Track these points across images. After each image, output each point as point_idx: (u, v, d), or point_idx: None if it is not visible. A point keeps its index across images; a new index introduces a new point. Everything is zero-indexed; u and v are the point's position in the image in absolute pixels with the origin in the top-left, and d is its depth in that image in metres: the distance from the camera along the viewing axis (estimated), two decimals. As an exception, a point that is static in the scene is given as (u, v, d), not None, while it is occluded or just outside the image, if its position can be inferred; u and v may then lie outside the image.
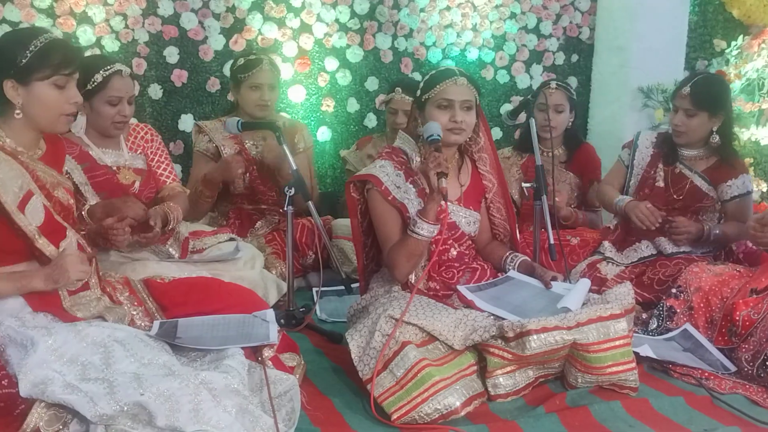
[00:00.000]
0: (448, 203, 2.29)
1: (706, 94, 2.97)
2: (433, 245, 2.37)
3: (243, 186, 3.44)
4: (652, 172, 3.17)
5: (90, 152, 2.71)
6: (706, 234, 3.00)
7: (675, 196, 3.08)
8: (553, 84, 3.57)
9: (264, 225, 3.49)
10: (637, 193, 3.20)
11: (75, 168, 2.63)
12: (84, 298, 2.09)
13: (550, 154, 3.55)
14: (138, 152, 2.85)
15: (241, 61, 3.45)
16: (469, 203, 2.52)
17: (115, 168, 2.74)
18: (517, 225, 2.68)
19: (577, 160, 3.62)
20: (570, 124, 3.58)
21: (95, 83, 2.64)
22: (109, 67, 2.66)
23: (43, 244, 1.99)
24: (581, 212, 3.58)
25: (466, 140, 2.52)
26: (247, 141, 3.48)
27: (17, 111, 1.97)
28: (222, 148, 3.42)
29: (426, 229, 2.26)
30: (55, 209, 2.07)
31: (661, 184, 3.14)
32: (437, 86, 2.40)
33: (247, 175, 3.42)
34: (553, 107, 3.49)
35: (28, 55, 1.95)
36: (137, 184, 2.67)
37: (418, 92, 2.47)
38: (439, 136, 2.32)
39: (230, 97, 3.65)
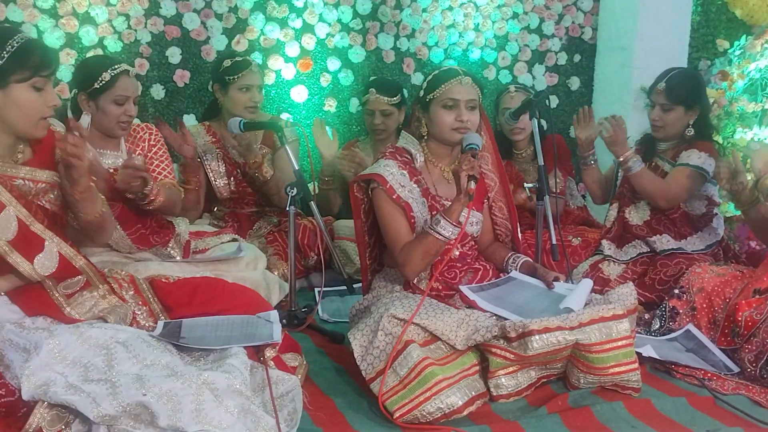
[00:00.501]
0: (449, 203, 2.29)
1: (680, 88, 3.04)
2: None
3: (229, 191, 3.43)
4: None
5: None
6: (626, 156, 3.09)
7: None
8: (512, 87, 3.59)
9: (263, 225, 3.49)
10: (621, 186, 3.29)
11: None
12: (84, 296, 2.09)
13: (523, 155, 3.61)
14: (137, 153, 2.83)
15: (228, 62, 3.43)
16: (473, 204, 2.52)
17: (112, 170, 2.70)
18: (518, 225, 2.68)
19: (544, 152, 3.59)
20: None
21: (102, 82, 2.64)
22: (116, 67, 2.68)
23: (15, 260, 1.96)
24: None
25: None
26: (229, 146, 3.48)
27: None
28: (203, 154, 3.42)
29: (448, 230, 2.26)
30: (37, 218, 2.03)
31: None
32: (442, 86, 2.40)
33: (232, 179, 3.42)
34: None
35: (5, 56, 1.88)
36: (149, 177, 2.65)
37: (421, 92, 2.47)
38: (478, 146, 2.34)
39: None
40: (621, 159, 3.11)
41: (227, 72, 3.42)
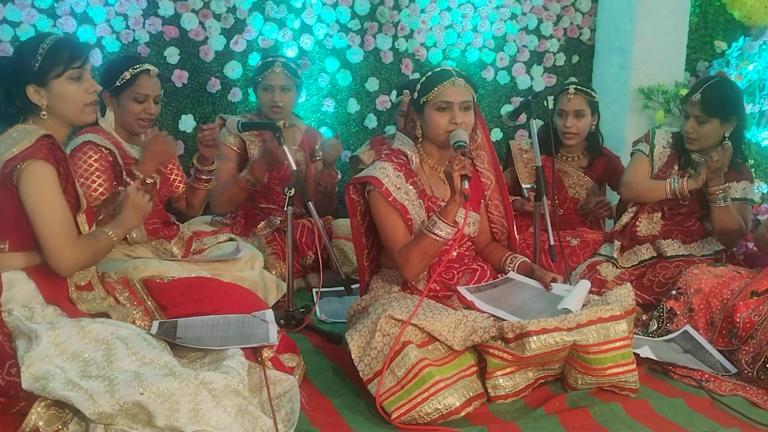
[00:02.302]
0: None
1: (717, 100, 2.92)
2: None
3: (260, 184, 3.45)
4: (668, 173, 3.13)
5: (121, 144, 2.83)
6: (723, 187, 2.86)
7: (681, 201, 3.06)
8: (572, 88, 3.43)
9: (267, 226, 3.48)
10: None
11: (115, 151, 2.76)
12: (88, 295, 2.11)
13: (572, 158, 3.53)
14: None
15: (260, 62, 3.52)
16: (470, 204, 2.51)
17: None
18: (514, 223, 2.67)
19: (598, 168, 3.53)
20: (593, 128, 3.47)
21: (123, 80, 2.80)
22: (137, 66, 2.83)
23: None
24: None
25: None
26: (268, 141, 3.49)
27: (43, 112, 2.06)
28: (248, 143, 3.47)
29: (444, 231, 2.25)
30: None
31: None
32: (435, 88, 2.39)
33: (267, 173, 3.44)
34: (573, 112, 3.38)
35: (40, 58, 2.04)
36: (157, 183, 2.78)
37: (415, 94, 2.47)
38: (465, 143, 2.33)
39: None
40: (711, 189, 2.89)
41: (256, 72, 3.50)
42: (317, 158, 3.61)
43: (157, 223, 2.89)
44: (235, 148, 3.46)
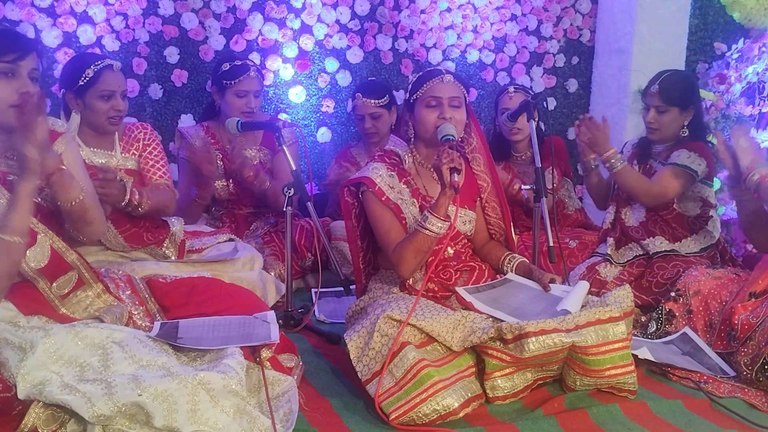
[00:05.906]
0: None
1: (674, 90, 3.06)
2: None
3: (228, 192, 3.45)
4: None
5: (80, 152, 2.69)
6: (607, 155, 3.05)
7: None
8: (511, 88, 3.56)
9: (260, 226, 3.48)
10: (619, 191, 3.27)
11: None
12: (78, 296, 2.08)
13: (523, 157, 3.63)
14: (130, 153, 2.83)
15: (227, 66, 3.42)
16: (464, 202, 2.51)
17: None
18: (512, 225, 2.68)
19: (543, 155, 3.49)
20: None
21: (87, 78, 2.66)
22: (99, 63, 2.69)
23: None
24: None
25: (458, 140, 2.51)
26: (228, 147, 3.48)
27: None
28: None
29: (436, 225, 2.25)
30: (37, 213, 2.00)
31: None
32: (424, 86, 2.41)
33: (231, 181, 3.42)
34: None
35: None
36: (129, 186, 2.63)
37: (407, 95, 2.48)
38: (452, 136, 2.32)
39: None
40: (603, 158, 3.09)
41: (225, 76, 3.40)
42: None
43: (133, 227, 2.74)
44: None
